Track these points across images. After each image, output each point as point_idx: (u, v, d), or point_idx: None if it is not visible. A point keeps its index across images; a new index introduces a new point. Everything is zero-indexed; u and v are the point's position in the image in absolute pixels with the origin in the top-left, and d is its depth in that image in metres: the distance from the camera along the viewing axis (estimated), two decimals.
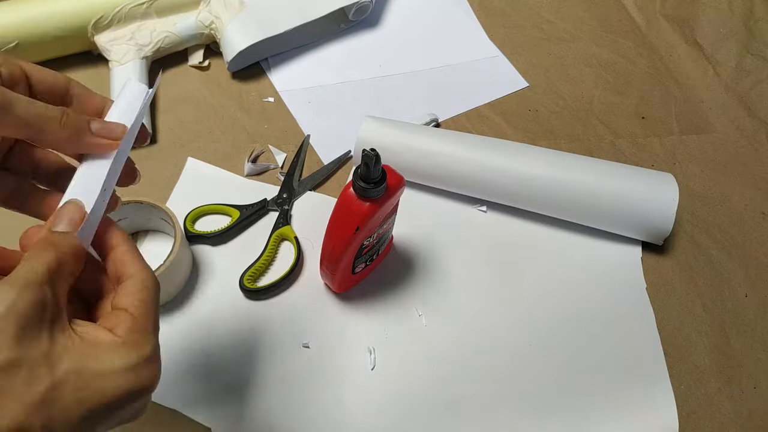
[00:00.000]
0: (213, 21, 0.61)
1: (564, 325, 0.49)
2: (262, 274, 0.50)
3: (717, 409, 0.46)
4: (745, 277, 0.53)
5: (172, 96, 0.62)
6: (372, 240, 0.43)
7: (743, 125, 0.63)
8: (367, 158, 0.34)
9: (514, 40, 0.70)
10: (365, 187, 0.36)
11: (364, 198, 0.38)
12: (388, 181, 0.38)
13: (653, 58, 0.69)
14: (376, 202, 0.38)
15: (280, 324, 0.48)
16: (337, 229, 0.40)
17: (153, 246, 0.51)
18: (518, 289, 0.51)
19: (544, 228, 0.54)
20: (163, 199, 0.54)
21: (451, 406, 0.45)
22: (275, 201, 0.54)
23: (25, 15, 0.57)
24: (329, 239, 0.42)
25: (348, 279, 0.47)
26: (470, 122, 0.62)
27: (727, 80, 0.67)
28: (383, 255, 0.50)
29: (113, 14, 0.59)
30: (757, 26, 0.70)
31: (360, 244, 0.41)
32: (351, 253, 0.42)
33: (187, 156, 0.57)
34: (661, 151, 0.61)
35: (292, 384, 0.45)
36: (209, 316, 0.48)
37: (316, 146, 0.59)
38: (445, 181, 0.54)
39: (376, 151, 0.33)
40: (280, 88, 0.63)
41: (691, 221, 0.56)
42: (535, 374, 0.47)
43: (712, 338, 0.49)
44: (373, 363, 0.46)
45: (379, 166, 0.36)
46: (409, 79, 0.66)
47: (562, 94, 0.65)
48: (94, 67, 0.62)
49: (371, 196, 0.37)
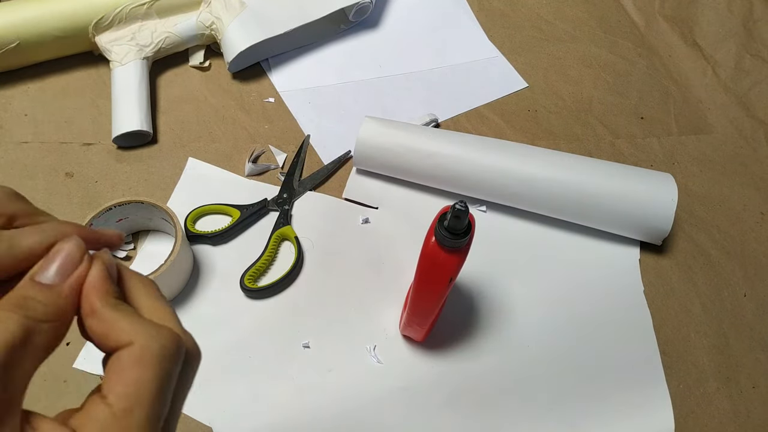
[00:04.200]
0: (213, 21, 0.62)
1: (562, 325, 0.49)
2: (263, 274, 0.51)
3: (716, 408, 0.46)
4: (744, 277, 0.53)
5: (173, 96, 0.62)
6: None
7: (742, 125, 0.64)
8: (459, 212, 0.32)
9: (514, 41, 0.70)
10: (455, 239, 0.34)
11: (452, 249, 0.35)
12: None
13: (652, 58, 0.69)
14: (464, 249, 0.36)
15: (280, 324, 0.48)
16: (428, 285, 0.38)
17: (153, 246, 0.51)
18: (517, 289, 0.51)
19: (543, 228, 0.54)
20: (163, 199, 0.54)
21: (450, 405, 0.45)
22: (276, 201, 0.54)
23: (25, 15, 0.57)
24: (420, 297, 0.40)
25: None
26: (470, 122, 0.62)
27: (726, 81, 0.67)
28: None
29: (114, 15, 0.59)
30: (756, 27, 0.70)
31: (448, 292, 0.40)
32: (443, 303, 0.42)
33: (188, 156, 0.57)
34: (660, 151, 0.61)
35: (292, 384, 0.45)
36: (210, 316, 0.48)
37: (316, 146, 0.59)
38: (444, 181, 0.54)
39: (466, 204, 0.32)
40: (281, 89, 0.63)
41: (690, 221, 0.56)
42: (532, 374, 0.47)
43: (711, 338, 0.49)
44: (374, 362, 0.47)
45: (467, 217, 0.33)
46: (409, 80, 0.66)
47: (561, 94, 0.65)
48: (95, 67, 0.63)
49: (459, 246, 0.35)
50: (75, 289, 0.20)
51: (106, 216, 0.47)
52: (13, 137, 0.57)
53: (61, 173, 0.55)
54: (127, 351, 0.19)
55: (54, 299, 0.19)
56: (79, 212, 0.52)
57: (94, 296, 0.20)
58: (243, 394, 0.45)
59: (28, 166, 0.55)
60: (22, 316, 0.18)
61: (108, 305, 0.20)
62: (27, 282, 0.20)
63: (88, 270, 0.21)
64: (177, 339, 0.20)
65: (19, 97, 0.60)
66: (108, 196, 0.54)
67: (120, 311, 0.20)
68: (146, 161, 0.56)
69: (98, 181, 0.55)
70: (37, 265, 0.20)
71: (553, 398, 0.46)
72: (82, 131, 0.58)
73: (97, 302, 0.20)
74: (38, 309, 0.19)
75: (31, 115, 0.59)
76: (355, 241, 0.53)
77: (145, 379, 0.19)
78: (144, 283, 0.22)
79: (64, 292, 0.20)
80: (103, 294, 0.20)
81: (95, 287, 0.20)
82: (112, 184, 0.55)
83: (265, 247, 0.51)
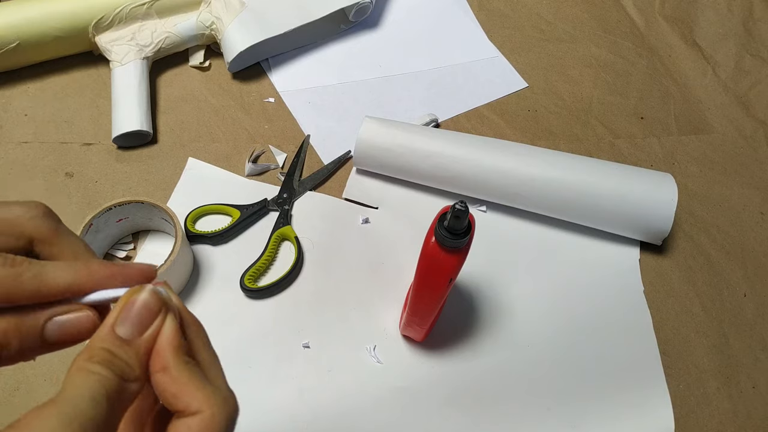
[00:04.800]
0: (213, 21, 0.62)
1: (562, 325, 0.49)
2: (263, 274, 0.51)
3: (716, 408, 0.46)
4: (744, 276, 0.53)
5: (173, 96, 0.62)
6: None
7: (742, 125, 0.64)
8: (459, 212, 0.32)
9: (514, 41, 0.70)
10: (455, 239, 0.34)
11: (452, 249, 0.35)
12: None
13: (652, 58, 0.69)
14: (464, 250, 0.36)
15: (280, 324, 0.48)
16: (428, 285, 0.38)
17: (153, 246, 0.51)
18: (517, 289, 0.51)
19: (543, 228, 0.54)
20: (164, 199, 0.54)
21: (450, 405, 0.45)
22: (276, 201, 0.54)
23: (25, 15, 0.57)
24: (420, 297, 0.40)
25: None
26: (470, 122, 0.62)
27: (726, 80, 0.67)
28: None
29: (114, 15, 0.59)
30: (756, 27, 0.70)
31: (448, 292, 0.40)
32: (442, 304, 0.42)
33: (188, 156, 0.57)
34: (660, 151, 0.61)
35: (292, 384, 0.45)
36: (210, 316, 0.48)
37: (316, 146, 0.59)
38: (444, 181, 0.54)
39: (466, 204, 0.32)
40: (281, 89, 0.63)
41: (690, 221, 0.56)
42: (532, 374, 0.47)
43: (711, 338, 0.49)
44: (374, 362, 0.47)
45: (467, 217, 0.34)
46: (408, 80, 0.66)
47: (561, 94, 0.65)
48: (95, 67, 0.63)
49: (459, 246, 0.35)
50: (151, 343, 0.20)
51: (106, 216, 0.47)
52: (13, 137, 0.57)
53: (61, 173, 0.55)
54: (198, 419, 0.19)
55: (136, 358, 0.20)
56: (79, 212, 0.52)
57: (169, 353, 0.20)
58: (243, 394, 0.44)
59: (28, 166, 0.55)
60: (116, 375, 0.19)
61: (181, 363, 0.20)
62: (109, 335, 0.20)
63: (163, 323, 0.21)
64: (237, 406, 0.21)
65: (19, 97, 0.60)
66: (108, 196, 0.54)
67: (192, 372, 0.20)
68: (146, 161, 0.56)
69: (98, 181, 0.55)
70: (114, 314, 0.20)
71: (553, 398, 0.46)
72: (82, 131, 0.58)
73: (171, 360, 0.20)
74: (125, 369, 0.19)
75: (31, 115, 0.59)
76: (355, 241, 0.53)
77: None
78: (200, 331, 0.23)
79: (142, 348, 0.20)
80: (176, 351, 0.20)
81: (170, 343, 0.20)
82: (112, 184, 0.55)
83: (265, 247, 0.51)
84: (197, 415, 0.19)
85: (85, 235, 0.45)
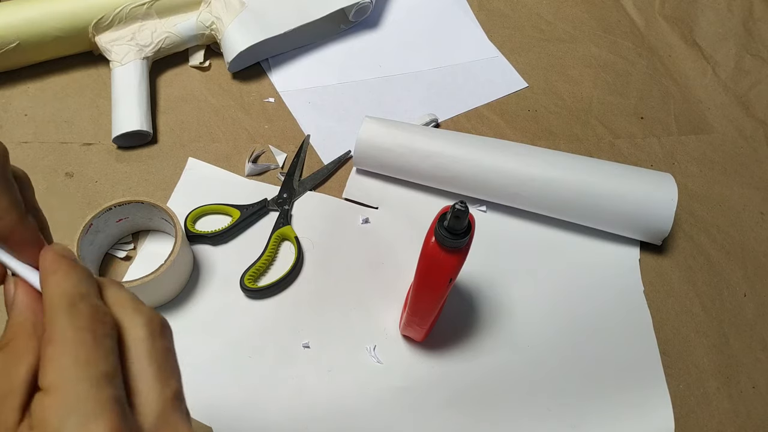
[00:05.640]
0: (213, 21, 0.62)
1: (562, 325, 0.49)
2: (263, 274, 0.51)
3: (716, 408, 0.46)
4: (744, 276, 0.53)
5: (173, 96, 0.62)
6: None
7: (742, 125, 0.64)
8: (459, 212, 0.32)
9: (514, 41, 0.70)
10: (455, 239, 0.34)
11: (452, 249, 0.35)
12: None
13: (652, 58, 0.69)
14: (464, 250, 0.36)
15: (280, 324, 0.48)
16: (428, 285, 0.38)
17: (153, 246, 0.51)
18: (517, 289, 0.51)
19: (543, 228, 0.54)
20: (163, 199, 0.54)
21: (450, 405, 0.45)
22: (276, 201, 0.54)
23: (25, 15, 0.57)
24: (419, 297, 0.40)
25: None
26: (470, 122, 0.62)
27: (726, 80, 0.67)
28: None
29: (114, 15, 0.59)
30: (756, 27, 0.70)
31: (448, 292, 0.40)
32: (442, 304, 0.42)
33: (188, 156, 0.57)
34: (660, 151, 0.61)
35: (292, 384, 0.45)
36: (210, 316, 0.48)
37: (316, 146, 0.59)
38: (444, 181, 0.54)
39: (466, 204, 0.32)
40: (281, 89, 0.63)
41: (690, 221, 0.56)
42: (532, 374, 0.47)
43: (711, 338, 0.49)
44: (374, 362, 0.47)
45: (467, 217, 0.34)
46: (409, 80, 0.66)
47: (561, 94, 0.65)
48: (95, 67, 0.63)
49: (459, 246, 0.35)
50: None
51: (106, 216, 0.47)
52: (13, 137, 0.57)
53: (61, 173, 0.55)
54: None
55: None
56: (79, 212, 0.52)
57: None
58: (243, 394, 0.45)
59: (28, 166, 0.55)
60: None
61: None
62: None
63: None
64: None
65: (19, 97, 0.60)
66: (108, 196, 0.54)
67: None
68: (146, 161, 0.56)
69: (98, 181, 0.55)
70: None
71: (553, 398, 0.46)
72: (82, 131, 0.58)
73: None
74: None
75: (31, 115, 0.59)
76: (355, 241, 0.53)
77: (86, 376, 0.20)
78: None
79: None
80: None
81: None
82: (112, 184, 0.55)
83: (265, 247, 0.51)
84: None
85: (85, 235, 0.45)
